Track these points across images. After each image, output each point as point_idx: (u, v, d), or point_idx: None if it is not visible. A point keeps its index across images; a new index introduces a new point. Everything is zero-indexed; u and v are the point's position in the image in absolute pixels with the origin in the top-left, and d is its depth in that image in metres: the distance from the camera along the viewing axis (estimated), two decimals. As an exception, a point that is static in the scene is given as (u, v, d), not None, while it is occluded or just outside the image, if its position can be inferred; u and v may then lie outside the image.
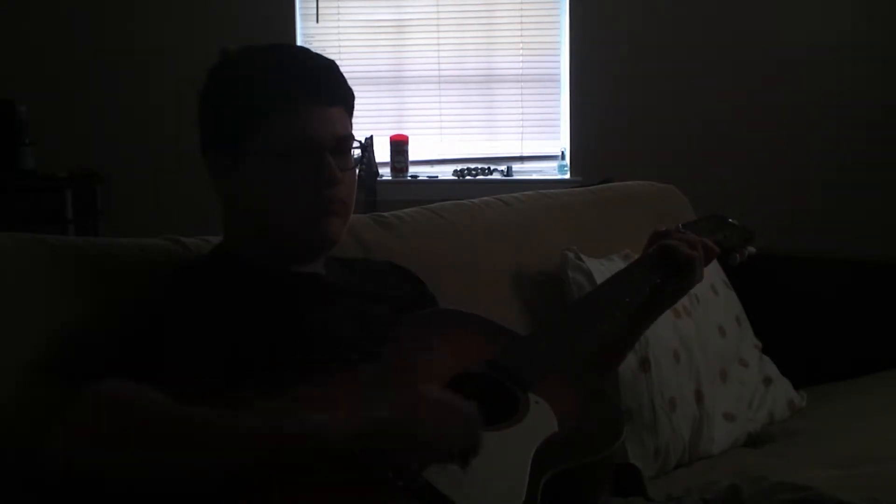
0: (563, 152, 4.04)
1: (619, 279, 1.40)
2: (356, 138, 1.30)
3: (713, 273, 2.01)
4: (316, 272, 1.30)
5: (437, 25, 4.03)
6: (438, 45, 4.04)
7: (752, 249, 1.55)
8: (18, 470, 1.09)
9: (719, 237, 1.53)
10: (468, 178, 4.00)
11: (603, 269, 1.77)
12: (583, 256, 1.82)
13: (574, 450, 1.07)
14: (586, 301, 1.43)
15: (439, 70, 4.04)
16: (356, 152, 1.30)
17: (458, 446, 0.97)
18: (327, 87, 1.27)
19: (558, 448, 1.05)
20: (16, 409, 1.14)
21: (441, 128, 4.09)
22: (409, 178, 3.98)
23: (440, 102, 4.07)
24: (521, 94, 4.07)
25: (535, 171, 4.08)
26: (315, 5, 3.98)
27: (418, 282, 1.45)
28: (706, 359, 1.85)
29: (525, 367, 1.15)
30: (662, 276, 1.37)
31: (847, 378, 2.10)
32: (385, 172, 3.93)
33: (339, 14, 4.03)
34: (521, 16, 4.03)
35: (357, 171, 1.32)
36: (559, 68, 4.04)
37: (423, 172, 4.04)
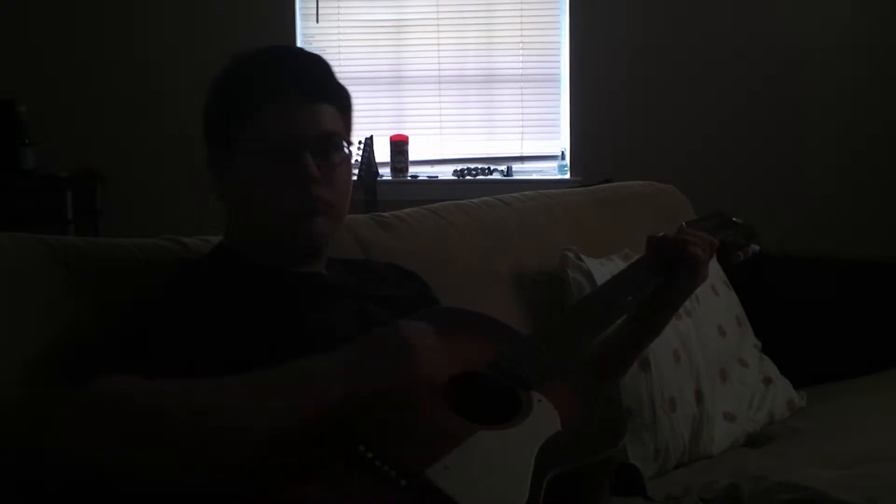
0: (563, 152, 4.04)
1: (620, 278, 1.40)
2: (346, 137, 1.28)
3: (713, 273, 2.01)
4: (317, 272, 1.30)
5: (437, 25, 4.03)
6: (438, 45, 4.04)
7: (755, 247, 1.55)
8: (14, 469, 1.09)
9: (722, 235, 1.53)
10: (468, 178, 4.00)
11: (603, 269, 1.78)
12: (583, 256, 1.82)
13: (577, 449, 1.07)
14: (588, 301, 1.43)
15: (439, 70, 4.05)
16: (355, 151, 1.29)
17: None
18: (312, 82, 1.25)
19: (561, 447, 1.05)
20: (16, 409, 1.14)
21: (441, 128, 4.09)
22: (409, 178, 3.98)
23: (440, 102, 4.07)
24: (521, 94, 4.07)
25: (535, 171, 4.08)
26: (315, 5, 3.98)
27: (422, 283, 1.45)
28: (706, 359, 1.85)
29: (527, 366, 1.14)
30: (665, 274, 1.37)
31: (847, 378, 2.09)
32: (385, 172, 3.93)
33: (339, 14, 4.03)
34: (521, 16, 4.03)
35: (352, 170, 1.30)
36: (559, 68, 4.04)
37: (423, 172, 4.04)
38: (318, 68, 1.27)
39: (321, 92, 1.26)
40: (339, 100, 1.29)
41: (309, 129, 1.22)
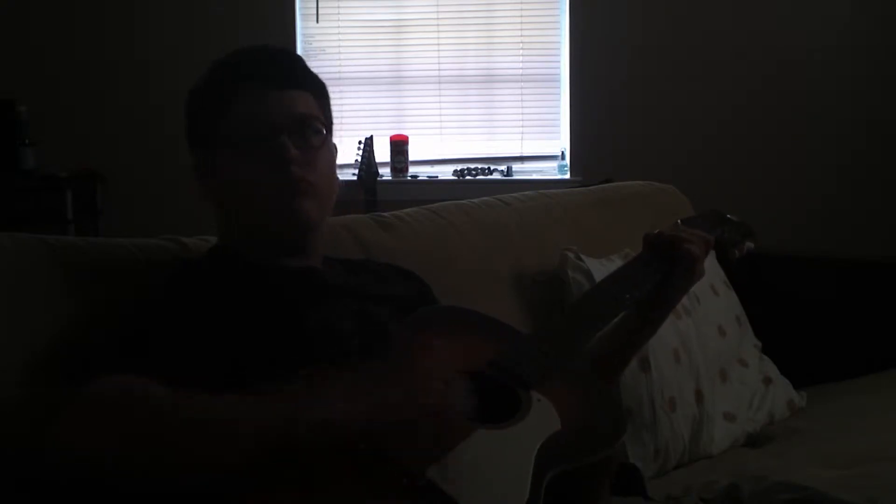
0: (563, 152, 4.04)
1: (618, 276, 1.39)
2: (324, 122, 1.30)
3: (713, 273, 2.01)
4: (312, 267, 1.30)
5: (437, 25, 4.03)
6: (438, 45, 4.04)
7: (750, 245, 1.55)
8: (14, 469, 1.09)
9: (717, 233, 1.53)
10: (468, 178, 4.00)
11: (603, 269, 1.77)
12: (583, 256, 1.82)
13: (577, 449, 1.07)
14: (587, 299, 1.42)
15: (439, 70, 4.05)
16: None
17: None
18: (284, 70, 1.27)
19: (561, 447, 1.05)
20: (16, 409, 1.14)
21: (441, 128, 4.09)
22: (409, 178, 3.98)
23: (440, 102, 4.07)
24: (521, 94, 4.08)
25: (535, 171, 4.08)
26: (315, 5, 3.98)
27: (422, 283, 1.45)
28: (706, 359, 1.85)
29: (527, 366, 1.14)
30: (662, 271, 1.37)
31: (847, 378, 2.09)
32: (385, 172, 3.93)
33: (339, 14, 4.03)
34: (521, 16, 4.03)
35: (335, 154, 1.33)
36: (559, 68, 4.04)
37: (423, 172, 4.04)
38: (288, 58, 1.31)
39: (294, 79, 1.27)
40: (314, 87, 1.31)
41: (284, 113, 1.24)
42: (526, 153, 4.09)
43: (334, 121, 1.35)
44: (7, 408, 1.13)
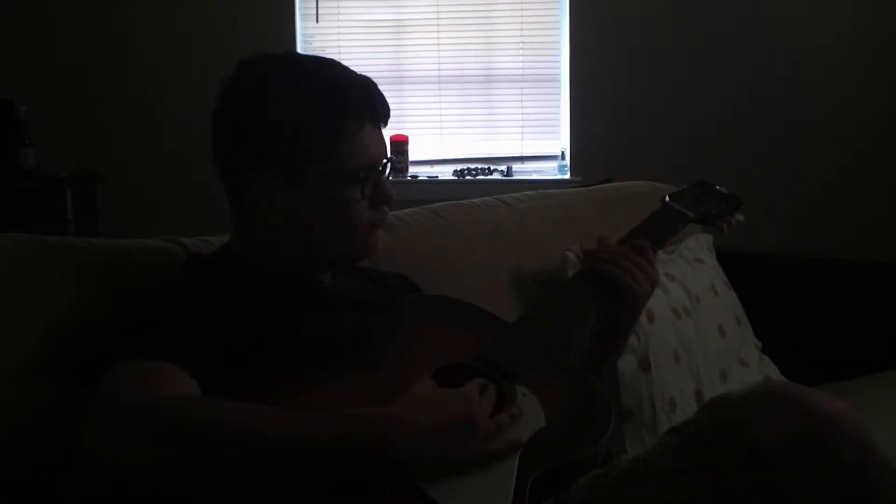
0: (563, 152, 4.04)
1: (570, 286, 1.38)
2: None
3: (713, 273, 2.01)
4: (322, 280, 1.30)
5: (437, 25, 4.04)
6: (438, 45, 4.04)
7: (740, 217, 1.55)
8: (15, 469, 1.09)
9: (706, 207, 1.53)
10: (468, 178, 4.00)
11: (603, 269, 1.77)
12: (583, 256, 1.81)
13: (561, 447, 1.06)
14: (570, 287, 1.38)
15: (439, 70, 4.05)
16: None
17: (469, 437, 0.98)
18: (382, 107, 1.26)
19: (546, 444, 1.04)
20: (16, 408, 1.14)
21: (441, 128, 4.09)
22: (409, 178, 3.98)
23: (440, 102, 4.07)
24: (521, 94, 4.08)
25: (535, 171, 4.08)
26: (315, 5, 3.98)
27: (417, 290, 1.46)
28: (706, 359, 1.84)
29: (511, 357, 1.14)
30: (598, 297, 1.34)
31: (847, 378, 2.09)
32: (385, 172, 3.92)
33: (339, 14, 4.03)
34: (521, 16, 4.03)
35: None
36: (559, 68, 4.04)
37: (423, 172, 4.04)
38: (381, 93, 1.27)
39: (386, 116, 1.28)
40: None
41: (382, 154, 1.26)
42: (526, 153, 4.09)
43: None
44: (7, 407, 1.13)
